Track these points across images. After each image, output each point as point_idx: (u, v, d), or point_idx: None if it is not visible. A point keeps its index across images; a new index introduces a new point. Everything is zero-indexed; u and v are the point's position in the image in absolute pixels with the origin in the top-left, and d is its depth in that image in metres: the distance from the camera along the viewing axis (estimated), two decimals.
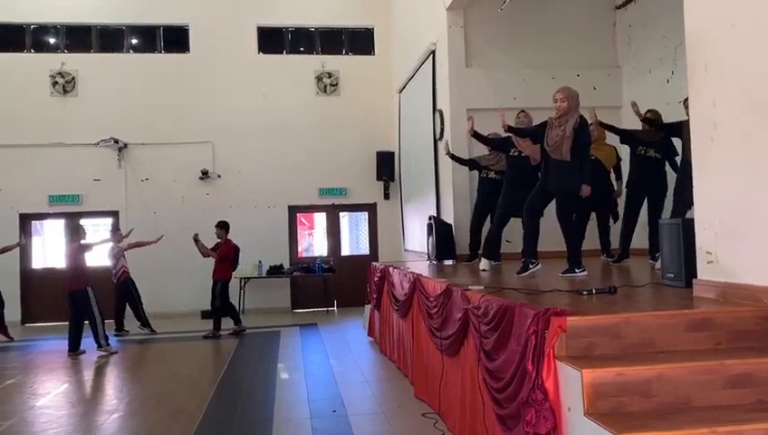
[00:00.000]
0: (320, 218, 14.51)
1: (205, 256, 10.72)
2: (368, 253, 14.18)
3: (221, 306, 10.53)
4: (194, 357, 9.29)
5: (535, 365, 3.11)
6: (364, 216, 14.49)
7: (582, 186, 5.62)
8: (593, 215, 7.89)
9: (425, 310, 5.78)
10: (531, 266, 5.99)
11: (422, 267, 8.09)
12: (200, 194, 13.43)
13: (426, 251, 9.55)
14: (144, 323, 11.11)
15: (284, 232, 13.83)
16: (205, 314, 12.69)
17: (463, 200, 9.29)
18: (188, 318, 12.52)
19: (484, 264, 7.00)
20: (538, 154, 6.23)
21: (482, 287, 4.69)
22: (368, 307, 10.00)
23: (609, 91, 9.76)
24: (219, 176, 13.46)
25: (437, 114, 10.00)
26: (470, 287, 4.69)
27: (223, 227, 10.74)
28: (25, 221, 13.12)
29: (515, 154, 7.36)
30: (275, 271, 13.19)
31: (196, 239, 10.56)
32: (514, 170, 7.33)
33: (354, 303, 12.65)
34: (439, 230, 8.94)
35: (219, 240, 10.71)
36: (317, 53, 14.24)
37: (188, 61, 13.66)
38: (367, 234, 14.48)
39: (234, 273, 12.69)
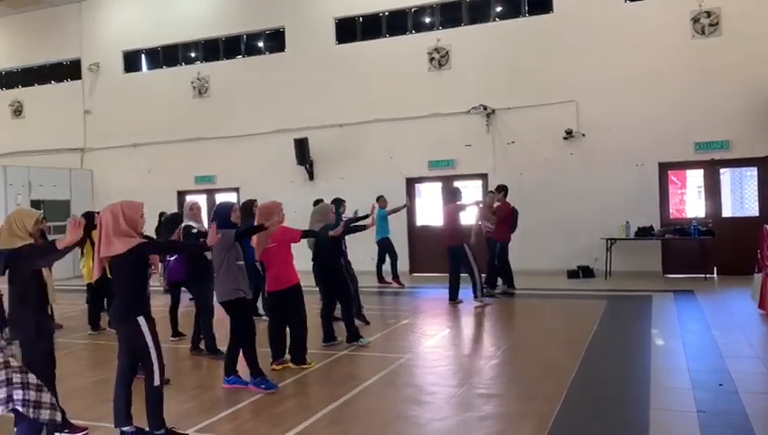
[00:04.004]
0: (694, 176, 13.16)
1: (485, 219, 10.91)
2: (756, 214, 12.37)
3: (499, 266, 10.79)
4: (561, 314, 9.44)
5: None
6: (752, 171, 12.63)
7: None
8: None
9: None
10: None
11: None
12: (564, 154, 13.42)
13: None
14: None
15: (654, 191, 12.92)
16: (570, 274, 12.79)
17: None
18: (553, 277, 12.74)
19: None
20: None
21: None
22: (758, 276, 8.76)
23: None
24: (583, 135, 13.23)
25: None
26: None
27: (501, 190, 10.89)
28: (410, 184, 14.95)
29: None
30: (644, 232, 12.46)
31: (477, 203, 10.92)
32: None
33: (738, 270, 11.22)
34: None
35: (498, 203, 10.87)
36: None
37: (552, 21, 13.63)
38: (755, 192, 12.60)
39: (600, 234, 12.58)
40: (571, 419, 4.85)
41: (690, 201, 13.34)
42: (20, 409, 3.30)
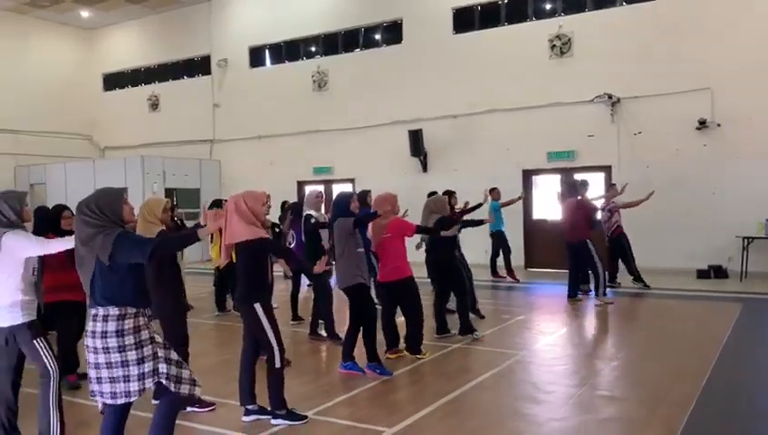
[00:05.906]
0: None
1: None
2: None
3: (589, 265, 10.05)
4: (691, 317, 8.83)
5: None
6: None
7: None
8: None
9: None
10: None
11: None
12: (696, 145, 12.52)
13: None
14: (637, 277, 11.09)
15: None
16: (701, 274, 11.96)
17: None
18: (681, 276, 11.96)
19: None
20: None
21: None
22: None
23: None
24: (719, 125, 12.27)
25: None
26: None
27: (583, 185, 10.28)
28: (527, 176, 14.56)
29: None
30: None
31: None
32: None
33: None
34: None
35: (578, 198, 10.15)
36: None
37: (684, 3, 12.65)
38: None
39: (735, 232, 11.67)
40: (701, 429, 4.53)
41: None
42: (164, 382, 3.54)
